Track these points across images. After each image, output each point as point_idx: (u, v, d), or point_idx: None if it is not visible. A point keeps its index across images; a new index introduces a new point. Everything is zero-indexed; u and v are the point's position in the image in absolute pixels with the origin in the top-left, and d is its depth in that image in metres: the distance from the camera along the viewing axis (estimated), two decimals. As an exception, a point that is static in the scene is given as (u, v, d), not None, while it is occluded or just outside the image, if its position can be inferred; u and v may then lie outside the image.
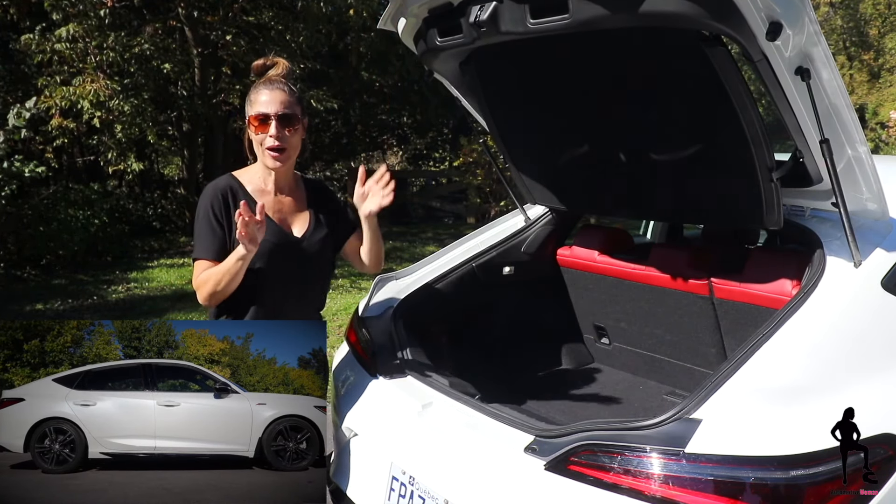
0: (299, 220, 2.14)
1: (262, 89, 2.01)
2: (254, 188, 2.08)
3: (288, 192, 2.14)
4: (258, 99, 2.00)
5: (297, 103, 2.02)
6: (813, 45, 1.64)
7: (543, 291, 3.14)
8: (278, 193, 2.11)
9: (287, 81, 2.06)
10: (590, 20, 1.72)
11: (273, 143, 1.98)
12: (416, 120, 15.52)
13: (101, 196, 9.07)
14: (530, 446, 1.74)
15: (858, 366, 1.71)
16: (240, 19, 9.53)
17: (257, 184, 2.09)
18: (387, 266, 2.07)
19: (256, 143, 2.02)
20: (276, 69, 2.09)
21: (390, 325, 2.47)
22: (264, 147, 2.00)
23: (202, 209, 2.02)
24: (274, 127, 1.97)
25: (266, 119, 1.97)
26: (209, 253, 2.00)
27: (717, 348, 2.62)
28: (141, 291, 7.02)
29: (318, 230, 2.15)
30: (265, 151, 2.00)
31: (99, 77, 7.90)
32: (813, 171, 2.04)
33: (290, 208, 2.13)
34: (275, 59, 2.12)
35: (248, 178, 2.10)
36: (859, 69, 24.44)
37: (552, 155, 2.79)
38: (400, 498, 2.05)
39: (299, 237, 2.11)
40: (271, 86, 2.01)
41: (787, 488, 1.42)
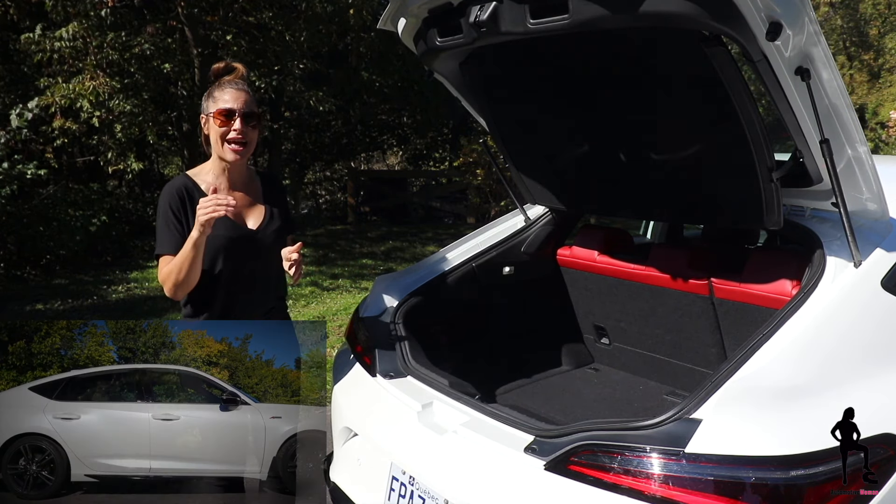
0: (254, 213, 2.23)
1: (227, 88, 2.13)
2: (207, 185, 2.16)
3: (241, 186, 2.23)
4: (222, 97, 2.11)
5: (255, 104, 2.17)
6: (813, 45, 1.64)
7: (543, 291, 3.14)
8: (231, 189, 2.20)
9: (245, 84, 2.20)
10: (590, 20, 1.73)
11: (236, 136, 2.10)
12: (416, 120, 15.51)
13: (101, 196, 9.08)
14: (530, 446, 1.75)
15: (858, 366, 1.71)
16: (240, 19, 9.53)
17: (210, 181, 2.18)
18: (387, 266, 2.08)
19: (217, 137, 2.12)
20: (236, 73, 2.23)
21: (390, 325, 2.47)
22: (226, 140, 2.11)
23: (161, 209, 2.13)
24: (238, 122, 2.09)
25: (231, 114, 2.09)
26: (169, 248, 2.10)
27: (717, 348, 2.62)
28: (141, 291, 7.02)
29: (273, 222, 2.24)
30: (226, 145, 2.11)
31: (99, 75, 7.90)
32: (813, 171, 2.04)
33: (243, 203, 2.22)
34: (234, 63, 2.26)
35: (201, 177, 2.20)
36: (859, 69, 24.44)
37: (552, 155, 2.80)
38: (400, 498, 2.05)
39: (254, 230, 2.20)
40: (236, 86, 2.14)
41: (787, 488, 1.42)
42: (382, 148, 17.55)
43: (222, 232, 2.10)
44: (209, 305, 2.15)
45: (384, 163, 20.31)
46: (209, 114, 2.11)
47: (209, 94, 2.15)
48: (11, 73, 9.73)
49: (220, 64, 2.24)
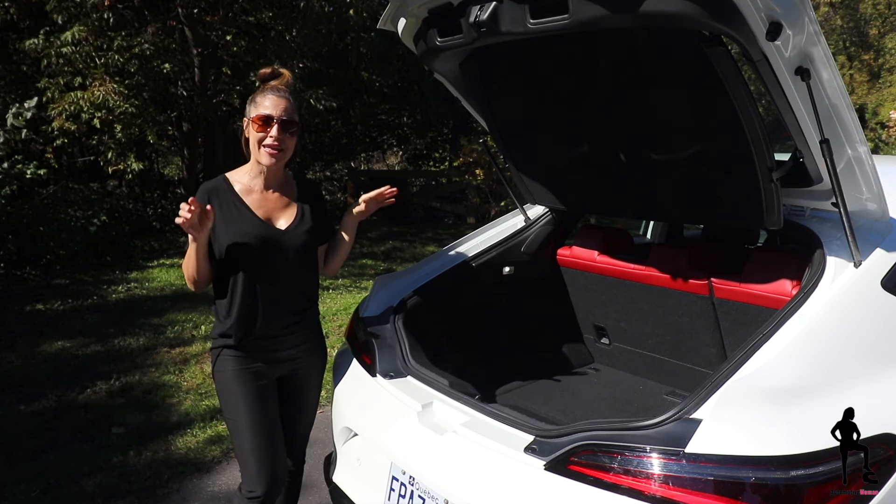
0: (285, 214, 2.26)
1: (269, 94, 2.18)
2: (242, 187, 2.22)
3: (277, 188, 2.27)
4: (264, 102, 2.17)
5: (295, 112, 2.22)
6: (813, 45, 1.64)
7: (543, 291, 3.14)
8: (266, 191, 2.25)
9: (289, 91, 2.25)
10: (590, 20, 1.73)
11: (272, 142, 2.15)
12: (416, 120, 15.52)
13: (101, 196, 9.07)
14: (530, 446, 1.75)
15: (858, 366, 1.71)
16: (240, 19, 9.52)
17: (246, 182, 2.24)
18: (387, 266, 2.09)
19: (255, 141, 2.17)
20: (282, 79, 2.27)
21: (390, 325, 2.47)
22: (263, 145, 2.15)
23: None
24: (276, 129, 2.14)
25: (269, 121, 2.14)
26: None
27: (717, 348, 2.62)
28: (141, 291, 7.02)
29: (303, 223, 2.27)
30: (263, 149, 2.16)
31: (107, 81, 7.90)
32: (813, 171, 2.04)
33: (276, 204, 2.25)
34: (281, 69, 2.29)
35: (238, 178, 2.25)
36: (859, 69, 24.45)
37: (552, 155, 2.80)
38: (400, 498, 2.05)
39: (283, 230, 2.23)
40: (278, 93, 2.18)
41: (787, 488, 1.42)
42: (382, 148, 17.56)
43: (251, 230, 2.16)
44: (233, 302, 2.17)
45: (384, 163, 20.31)
46: (250, 118, 2.17)
47: (252, 98, 2.20)
48: (11, 74, 9.73)
49: (268, 69, 2.27)
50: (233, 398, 2.16)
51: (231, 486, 3.30)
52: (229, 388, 2.17)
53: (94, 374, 4.66)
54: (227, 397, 2.17)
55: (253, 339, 2.18)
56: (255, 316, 2.18)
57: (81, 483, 3.26)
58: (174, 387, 4.48)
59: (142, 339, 5.42)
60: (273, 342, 2.21)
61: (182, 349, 5.20)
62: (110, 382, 4.52)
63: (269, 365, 2.22)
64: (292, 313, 2.26)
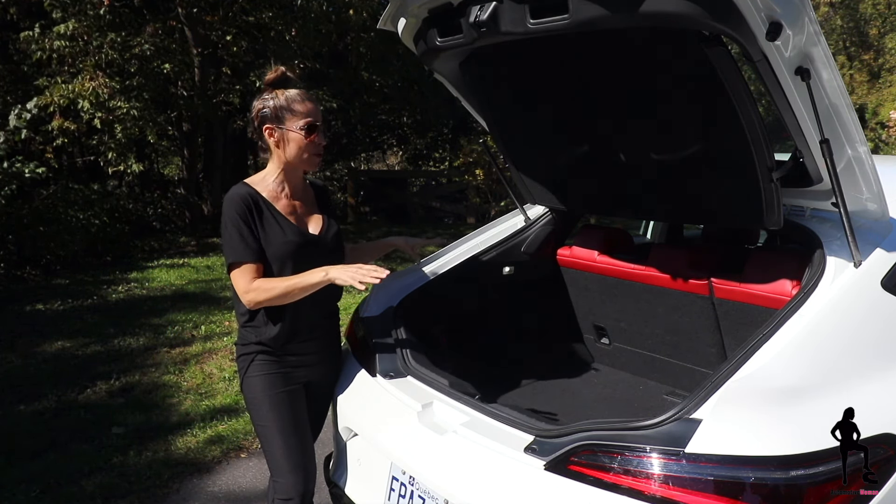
0: (314, 220, 2.26)
1: (306, 101, 2.14)
2: (268, 194, 2.17)
3: (300, 194, 2.26)
4: (303, 109, 2.12)
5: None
6: (813, 45, 1.64)
7: (543, 291, 3.14)
8: (292, 197, 2.22)
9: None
10: (590, 20, 1.72)
11: (321, 149, 2.17)
12: (416, 120, 15.51)
13: (101, 196, 9.07)
14: (530, 446, 1.74)
15: (858, 366, 1.71)
16: (240, 19, 9.53)
17: (271, 190, 2.18)
18: (387, 266, 2.09)
19: (298, 147, 2.12)
20: (297, 84, 2.21)
21: (390, 325, 2.47)
22: (311, 153, 2.15)
23: (230, 216, 2.09)
24: (321, 135, 2.16)
25: (315, 127, 2.13)
26: (250, 255, 2.08)
27: (717, 348, 2.62)
28: (141, 291, 7.02)
29: (332, 227, 2.29)
30: (311, 156, 2.16)
31: (98, 75, 7.90)
32: (813, 171, 2.03)
33: (303, 210, 2.25)
34: (288, 73, 2.19)
35: (261, 186, 2.18)
36: (859, 69, 24.46)
37: (552, 155, 2.79)
38: (400, 498, 2.05)
39: (317, 235, 2.23)
40: (311, 98, 2.16)
41: (787, 488, 1.42)
42: (382, 148, 17.56)
43: (292, 238, 2.13)
44: (284, 310, 2.14)
45: (384, 163, 20.32)
46: (288, 127, 2.10)
47: (287, 105, 2.10)
48: (11, 74, 9.73)
49: (277, 73, 2.15)
50: (268, 403, 2.15)
51: (231, 485, 3.30)
52: (265, 394, 2.16)
53: (94, 374, 4.67)
54: (262, 403, 2.16)
55: (291, 343, 2.18)
56: (299, 322, 2.18)
57: (81, 483, 3.27)
58: (174, 387, 4.48)
59: (142, 339, 5.42)
60: (304, 346, 2.23)
61: (182, 349, 5.20)
62: (110, 382, 4.52)
63: (298, 369, 2.22)
64: (325, 316, 2.30)
